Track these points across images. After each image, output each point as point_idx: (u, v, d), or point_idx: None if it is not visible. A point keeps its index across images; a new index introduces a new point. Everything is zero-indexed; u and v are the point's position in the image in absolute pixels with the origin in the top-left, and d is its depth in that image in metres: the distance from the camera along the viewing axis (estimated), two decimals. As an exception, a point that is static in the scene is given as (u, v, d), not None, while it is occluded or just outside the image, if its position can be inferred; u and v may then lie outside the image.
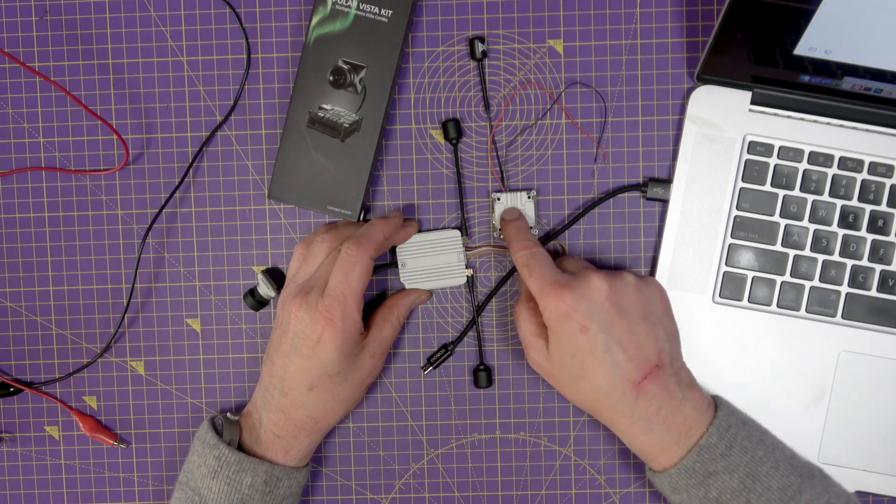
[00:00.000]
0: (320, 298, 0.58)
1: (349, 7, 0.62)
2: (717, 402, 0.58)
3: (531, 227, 0.63)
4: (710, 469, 0.55)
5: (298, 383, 0.58)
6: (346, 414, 0.62)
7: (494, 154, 0.65)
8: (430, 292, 0.65)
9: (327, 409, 0.59)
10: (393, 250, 0.65)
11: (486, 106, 0.65)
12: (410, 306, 0.64)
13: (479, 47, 0.64)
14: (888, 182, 0.62)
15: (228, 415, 0.60)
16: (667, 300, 0.60)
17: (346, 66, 0.62)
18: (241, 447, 0.59)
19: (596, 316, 0.55)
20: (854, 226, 0.62)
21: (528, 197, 0.64)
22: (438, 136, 0.65)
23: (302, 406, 0.58)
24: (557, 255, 0.65)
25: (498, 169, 0.65)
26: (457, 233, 0.64)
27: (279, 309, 0.61)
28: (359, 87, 0.62)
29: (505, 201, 0.64)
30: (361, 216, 0.64)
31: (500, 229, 0.64)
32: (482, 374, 0.65)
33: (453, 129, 0.64)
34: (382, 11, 0.62)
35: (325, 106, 0.63)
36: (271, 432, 0.59)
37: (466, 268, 0.64)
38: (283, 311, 0.59)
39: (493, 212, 0.65)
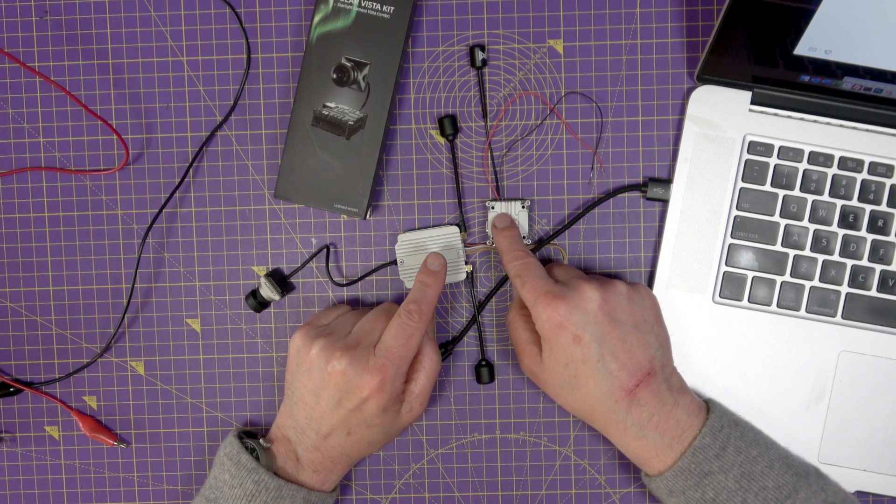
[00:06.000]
0: (371, 356, 0.57)
1: (351, 4, 0.62)
2: (709, 405, 0.58)
3: (523, 238, 0.63)
4: (706, 469, 0.55)
5: (337, 429, 0.58)
6: (380, 450, 0.65)
7: (490, 162, 0.65)
8: (440, 359, 0.61)
9: (363, 450, 0.60)
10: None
11: (485, 114, 0.65)
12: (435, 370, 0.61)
13: (480, 55, 0.64)
14: (888, 182, 0.62)
15: (262, 441, 0.60)
16: (657, 307, 0.60)
17: (349, 64, 0.62)
18: (274, 472, 0.60)
19: (589, 326, 0.55)
20: (854, 226, 0.62)
21: (523, 206, 0.64)
22: (438, 135, 0.65)
23: (339, 447, 0.59)
24: (548, 262, 0.65)
25: (493, 177, 0.65)
26: (455, 229, 0.64)
27: (304, 348, 0.59)
28: (362, 85, 0.62)
29: (499, 210, 0.64)
30: (368, 214, 0.64)
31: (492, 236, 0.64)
32: (484, 371, 0.65)
33: (449, 126, 0.64)
34: (384, 8, 0.62)
35: (329, 104, 0.63)
36: (309, 468, 0.59)
37: (466, 264, 0.64)
38: (318, 356, 0.58)
39: (487, 220, 0.65)
